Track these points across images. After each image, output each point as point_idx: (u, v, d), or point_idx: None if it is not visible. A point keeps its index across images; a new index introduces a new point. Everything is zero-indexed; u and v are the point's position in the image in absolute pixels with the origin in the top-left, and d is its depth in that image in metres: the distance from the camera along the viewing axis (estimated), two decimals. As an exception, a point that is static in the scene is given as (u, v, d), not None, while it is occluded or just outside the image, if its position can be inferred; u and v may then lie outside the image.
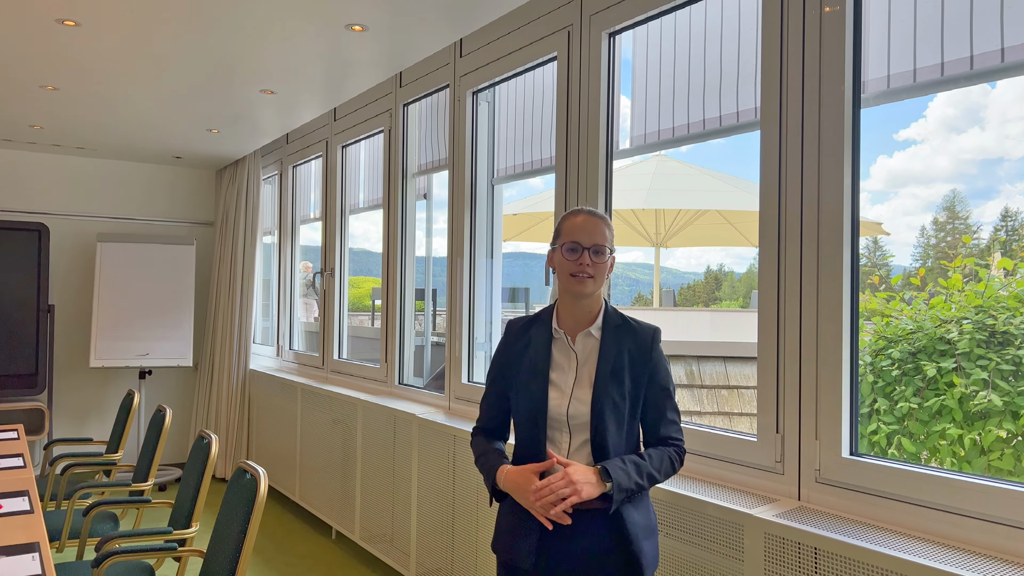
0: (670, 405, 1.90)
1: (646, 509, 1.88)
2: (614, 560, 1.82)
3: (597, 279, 1.85)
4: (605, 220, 1.89)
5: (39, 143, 5.63)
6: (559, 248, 1.88)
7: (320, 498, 4.68)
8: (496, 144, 3.69)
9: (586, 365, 1.88)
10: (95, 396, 6.21)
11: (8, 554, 2.02)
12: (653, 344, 1.90)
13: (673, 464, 1.87)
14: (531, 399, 1.87)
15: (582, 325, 1.91)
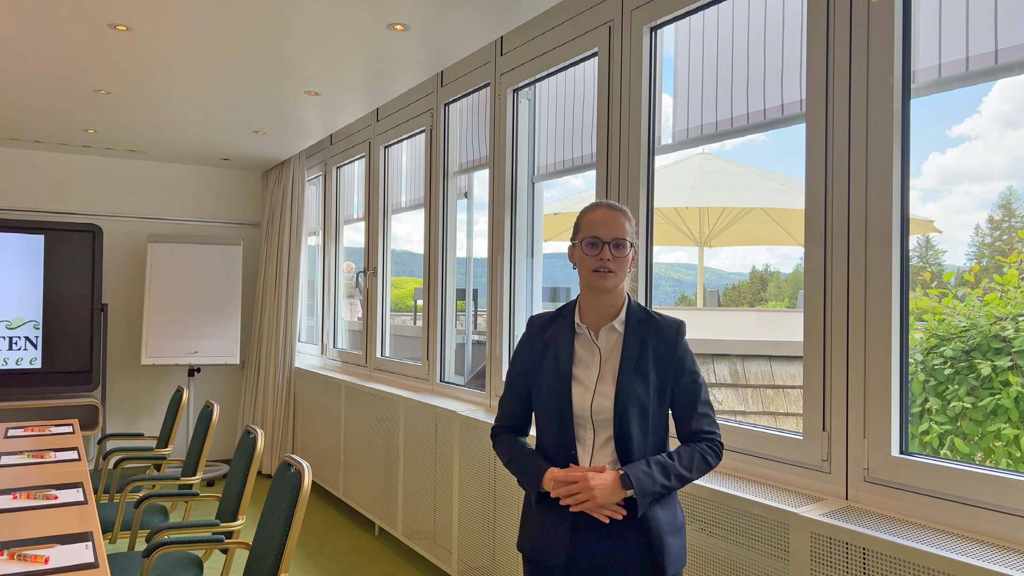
0: (700, 398, 1.86)
1: (673, 507, 1.85)
2: (640, 558, 1.79)
3: (619, 273, 1.83)
4: (625, 213, 1.86)
5: (93, 147, 5.80)
6: (579, 243, 1.85)
7: (363, 494, 4.73)
8: (536, 142, 3.68)
9: (609, 360, 1.85)
10: (146, 393, 6.37)
11: (63, 543, 2.09)
12: (678, 337, 1.87)
13: (707, 459, 1.82)
14: (554, 395, 1.85)
15: (605, 320, 1.88)
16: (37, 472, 2.94)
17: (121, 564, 2.71)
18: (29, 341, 5.62)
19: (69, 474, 2.92)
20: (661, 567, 1.78)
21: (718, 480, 2.32)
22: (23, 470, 2.96)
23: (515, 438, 1.98)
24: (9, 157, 5.87)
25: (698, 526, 2.28)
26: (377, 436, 4.53)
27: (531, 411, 1.99)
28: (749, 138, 2.67)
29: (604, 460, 1.82)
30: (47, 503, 2.49)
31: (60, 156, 6.05)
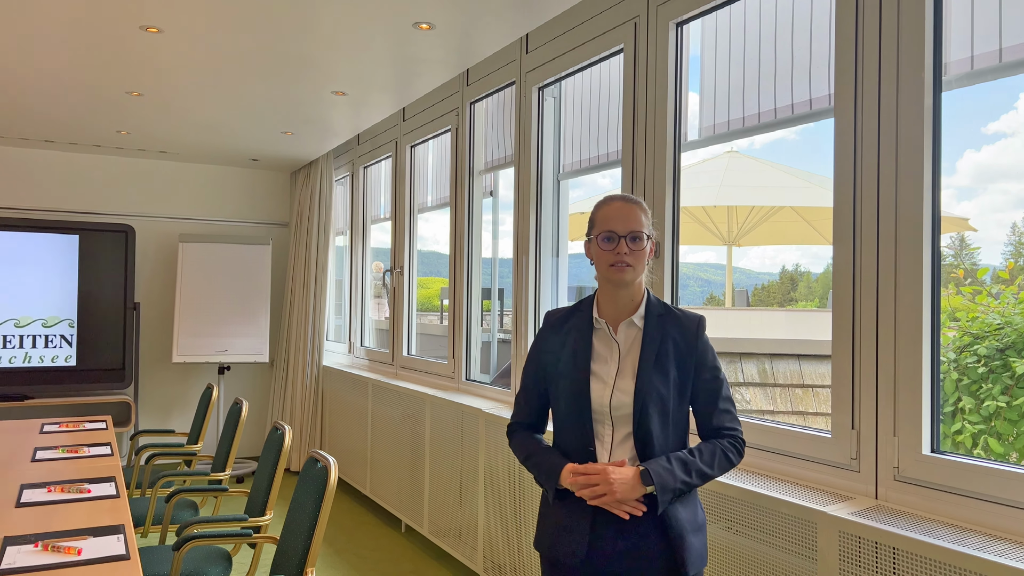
0: (722, 394, 1.83)
1: (693, 505, 1.82)
2: (660, 557, 1.76)
3: (637, 267, 1.79)
4: (640, 205, 1.83)
5: (126, 148, 5.90)
6: (595, 238, 1.82)
7: (390, 492, 4.75)
8: (562, 139, 3.68)
9: (629, 355, 1.82)
10: (178, 390, 6.47)
11: (95, 535, 2.12)
12: (699, 332, 1.83)
13: (728, 456, 1.78)
14: (572, 391, 1.82)
15: (624, 314, 1.85)
16: (71, 466, 2.99)
17: (152, 557, 2.75)
18: (64, 339, 5.74)
19: (102, 469, 2.97)
20: (683, 566, 1.75)
21: (745, 478, 2.30)
22: (58, 464, 3.02)
23: (531, 435, 1.96)
24: (46, 159, 5.99)
25: (724, 525, 2.26)
26: (403, 433, 4.55)
27: (547, 407, 1.97)
28: (778, 136, 2.64)
29: (623, 457, 1.79)
30: (80, 497, 2.53)
31: (94, 158, 6.16)
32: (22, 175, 5.92)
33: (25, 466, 2.97)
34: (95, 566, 1.87)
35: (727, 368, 4.43)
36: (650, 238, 1.82)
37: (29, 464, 3.01)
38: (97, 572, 1.83)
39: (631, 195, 1.87)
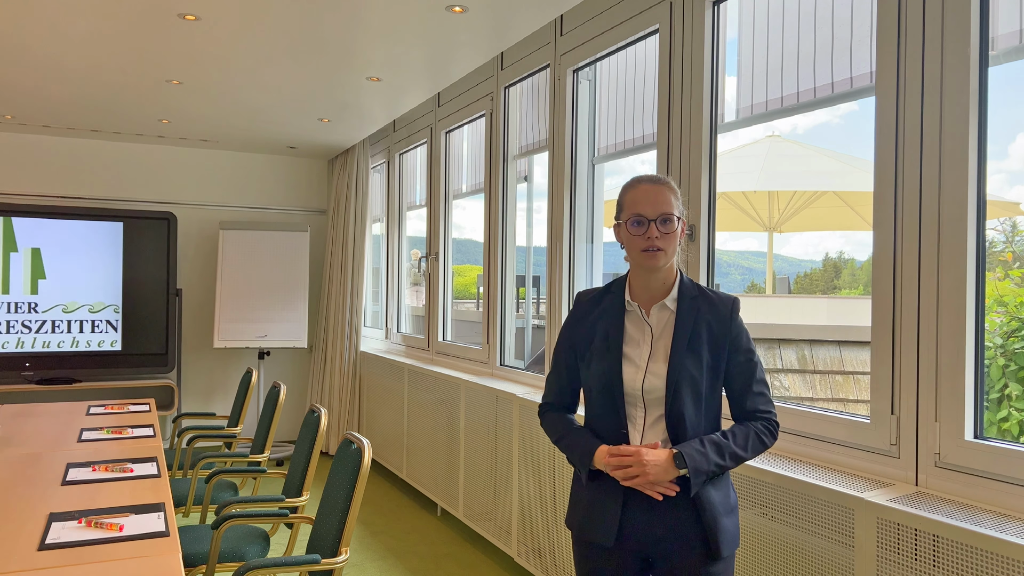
0: (756, 376, 1.80)
1: (725, 487, 1.80)
2: (693, 538, 1.75)
3: (668, 250, 1.76)
4: (669, 185, 1.78)
5: (167, 136, 6.01)
6: (624, 223, 1.79)
7: (426, 476, 4.79)
8: (597, 123, 3.64)
9: (662, 338, 1.79)
10: (219, 374, 6.59)
11: (137, 512, 2.18)
12: (732, 314, 1.80)
13: (762, 439, 1.77)
14: (604, 374, 1.80)
15: (657, 297, 1.82)
16: (115, 447, 3.07)
17: (192, 535, 2.81)
18: (110, 324, 5.88)
19: (145, 449, 3.04)
20: (716, 548, 1.74)
21: (781, 464, 2.26)
22: (102, 445, 3.10)
23: (563, 415, 1.95)
24: (91, 148, 6.13)
25: (760, 510, 2.23)
26: (439, 418, 4.58)
27: (579, 389, 1.96)
28: (822, 120, 2.58)
29: (655, 439, 1.77)
30: (123, 476, 2.60)
31: (137, 146, 6.28)
32: (69, 164, 6.06)
33: (72, 446, 3.06)
34: (136, 542, 1.92)
35: (765, 354, 4.36)
36: (680, 219, 1.78)
37: (75, 444, 3.09)
38: (138, 548, 1.88)
39: (659, 175, 1.83)
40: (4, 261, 5.62)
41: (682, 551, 1.76)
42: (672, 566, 1.77)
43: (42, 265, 5.72)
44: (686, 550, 1.76)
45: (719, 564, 1.76)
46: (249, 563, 2.09)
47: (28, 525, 2.03)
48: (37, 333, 5.68)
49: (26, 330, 5.65)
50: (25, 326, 5.65)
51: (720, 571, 1.77)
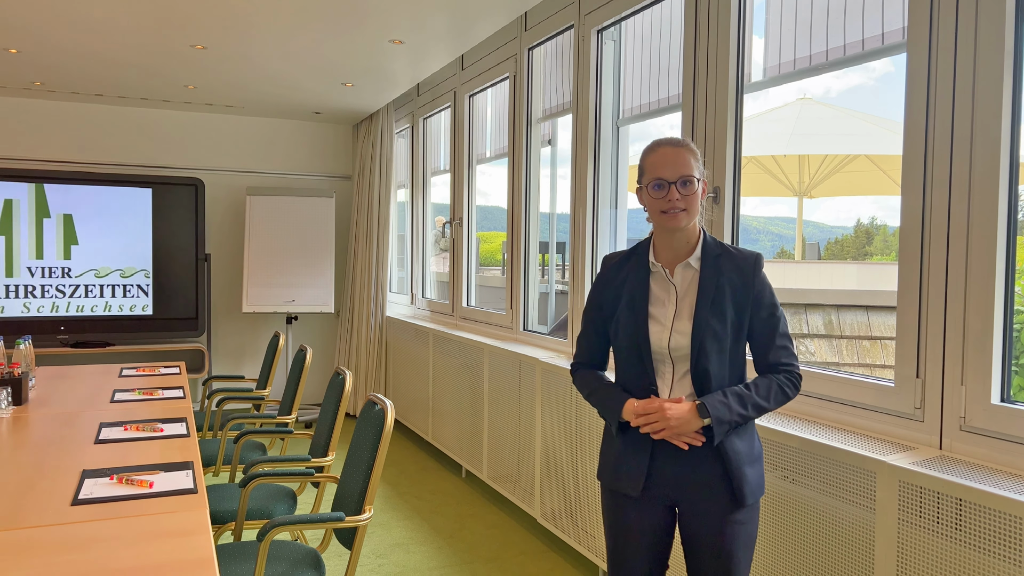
0: (779, 330, 1.84)
1: (750, 437, 1.86)
2: (718, 487, 1.81)
3: (690, 211, 1.80)
4: (688, 147, 1.81)
5: (194, 102, 6.03)
6: (645, 187, 1.82)
7: (451, 438, 4.85)
8: (622, 84, 3.59)
9: (686, 297, 1.84)
10: (248, 338, 6.69)
11: (166, 470, 2.23)
12: (755, 270, 1.83)
13: (784, 390, 1.82)
14: (631, 334, 1.86)
15: (680, 257, 1.86)
16: (146, 408, 3.14)
17: (221, 493, 2.88)
18: (141, 289, 5.98)
19: (175, 410, 3.11)
20: (740, 496, 1.79)
21: (805, 427, 2.25)
22: (134, 406, 3.17)
23: (594, 372, 2.02)
24: (119, 115, 6.18)
25: (782, 473, 2.23)
26: (463, 382, 4.62)
27: (608, 349, 2.02)
28: (856, 83, 2.52)
29: (682, 394, 1.83)
30: (154, 435, 2.66)
31: (165, 113, 6.33)
32: (98, 131, 6.12)
33: (104, 407, 3.13)
34: (165, 498, 1.97)
35: (791, 319, 4.32)
36: (700, 180, 1.82)
37: (108, 405, 3.17)
38: (167, 503, 1.93)
39: (678, 137, 1.85)
40: (37, 227, 5.72)
41: (708, 499, 1.81)
42: (698, 513, 1.83)
43: (74, 231, 5.82)
44: (711, 498, 1.81)
45: (744, 511, 1.82)
46: (275, 520, 2.14)
47: (62, 481, 2.09)
48: (71, 298, 5.80)
49: (60, 295, 5.77)
50: (59, 291, 5.77)
51: (745, 518, 1.82)
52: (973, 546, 1.71)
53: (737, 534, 1.80)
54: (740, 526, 1.81)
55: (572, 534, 3.41)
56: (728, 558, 1.81)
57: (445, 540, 3.72)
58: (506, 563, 3.45)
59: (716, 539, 1.81)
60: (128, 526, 1.76)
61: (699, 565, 1.85)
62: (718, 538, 1.80)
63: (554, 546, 3.65)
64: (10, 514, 1.83)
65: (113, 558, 1.57)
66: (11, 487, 2.04)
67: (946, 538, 1.76)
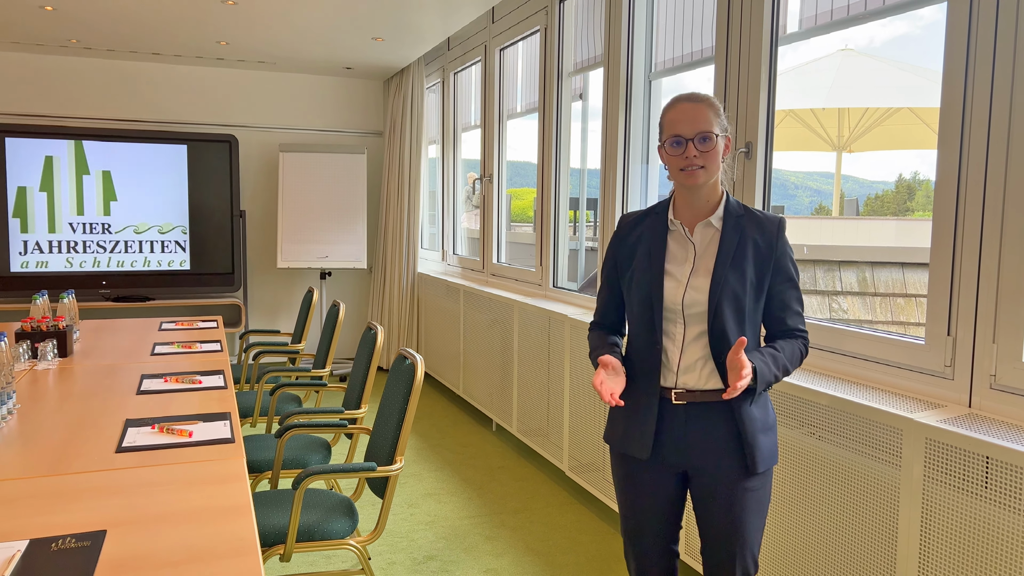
0: (795, 296, 1.83)
1: (764, 404, 1.83)
2: (730, 453, 1.79)
3: (709, 168, 1.75)
4: (707, 102, 1.76)
5: (226, 59, 6.06)
6: (664, 144, 1.78)
7: (481, 392, 4.92)
8: (654, 36, 3.52)
9: (704, 256, 1.80)
10: (283, 293, 6.81)
11: (205, 420, 2.31)
12: (779, 234, 1.80)
13: (802, 355, 1.82)
14: (645, 290, 1.83)
15: (701, 216, 1.83)
16: (185, 360, 3.23)
17: (257, 444, 2.97)
18: (179, 245, 6.10)
19: (212, 363, 3.19)
20: (752, 464, 1.78)
21: (832, 385, 2.25)
22: (173, 358, 3.27)
23: (603, 333, 1.99)
24: (153, 71, 6.23)
25: (808, 430, 2.24)
26: (493, 337, 4.67)
27: (623, 307, 1.99)
28: (901, 32, 2.43)
29: (696, 355, 1.79)
30: (192, 387, 2.74)
31: (197, 69, 6.36)
32: (133, 88, 6.19)
33: (145, 359, 3.23)
34: (204, 447, 2.04)
35: (824, 276, 4.26)
36: (721, 136, 1.76)
37: (148, 357, 3.27)
38: (205, 452, 2.00)
39: (698, 93, 1.79)
40: (78, 183, 5.84)
41: (719, 464, 1.80)
42: (709, 478, 1.82)
43: (113, 187, 5.93)
44: (723, 463, 1.80)
45: (755, 479, 1.81)
46: (309, 468, 2.21)
47: (107, 430, 2.18)
48: (111, 253, 5.94)
49: (101, 250, 5.91)
50: (100, 246, 5.91)
51: (756, 486, 1.81)
52: (1000, 504, 1.71)
53: (748, 500, 1.79)
54: (751, 492, 1.79)
55: (599, 487, 3.46)
56: (739, 524, 1.80)
57: (475, 491, 3.81)
58: (535, 514, 3.52)
59: (727, 505, 1.79)
60: (169, 473, 1.83)
61: (710, 530, 1.84)
62: (729, 504, 1.79)
63: (581, 498, 3.71)
64: (59, 460, 1.91)
65: (155, 503, 1.64)
66: (59, 434, 2.13)
67: (972, 496, 1.76)
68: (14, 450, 1.98)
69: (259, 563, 1.38)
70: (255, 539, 1.47)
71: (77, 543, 1.44)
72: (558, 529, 3.36)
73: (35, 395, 2.56)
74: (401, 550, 3.14)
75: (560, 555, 3.11)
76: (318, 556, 3.07)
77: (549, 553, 3.13)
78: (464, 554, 3.11)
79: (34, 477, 1.79)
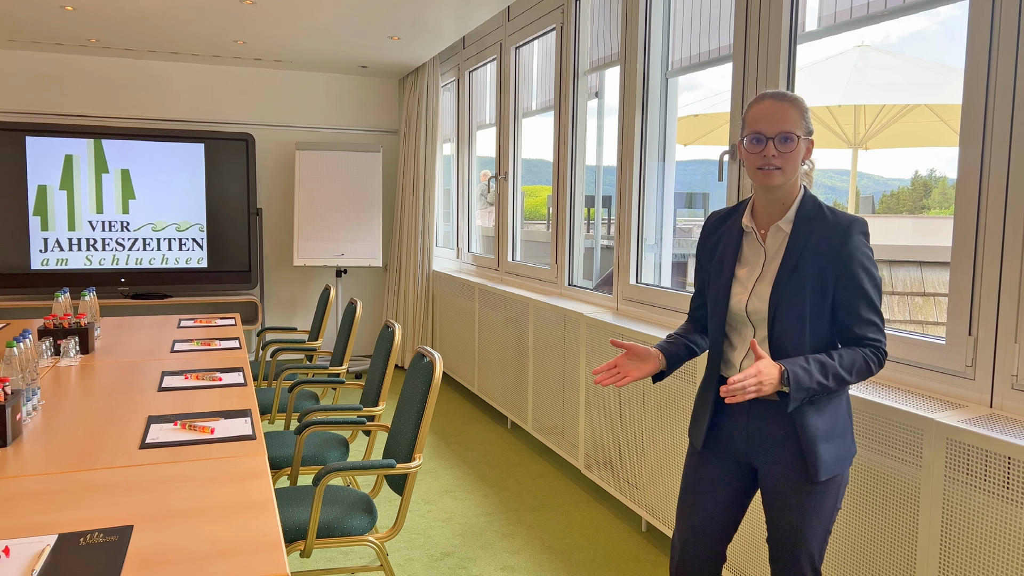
0: (865, 303, 1.72)
1: (833, 412, 1.77)
2: (790, 456, 1.77)
3: (786, 170, 1.71)
4: (794, 102, 1.72)
5: (243, 58, 6.09)
6: (743, 140, 1.75)
7: (496, 390, 4.93)
8: (671, 34, 3.52)
9: (773, 261, 1.78)
10: (299, 291, 6.85)
11: (226, 417, 2.33)
12: (847, 237, 1.71)
13: (869, 365, 1.72)
14: (716, 295, 1.86)
15: (775, 218, 1.80)
16: (205, 357, 3.26)
17: (277, 441, 3.00)
18: (196, 242, 6.15)
19: (232, 360, 3.22)
20: (813, 472, 1.73)
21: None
22: (193, 355, 3.30)
23: (681, 331, 2.07)
24: (170, 70, 6.28)
25: (826, 429, 2.23)
26: (508, 336, 4.67)
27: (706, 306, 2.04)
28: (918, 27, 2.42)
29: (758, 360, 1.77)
30: (213, 384, 2.77)
31: (214, 68, 6.41)
32: (151, 86, 6.24)
33: (165, 356, 3.26)
34: (225, 444, 2.06)
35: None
36: (803, 138, 1.73)
37: (169, 354, 3.30)
38: (227, 448, 2.02)
39: (786, 92, 1.75)
40: (97, 182, 5.90)
41: (781, 466, 1.79)
42: (772, 480, 1.81)
43: (131, 185, 5.98)
44: (784, 466, 1.79)
45: (819, 487, 1.76)
46: (329, 465, 2.22)
47: (130, 426, 2.21)
48: (130, 250, 5.99)
49: (120, 247, 5.97)
50: (119, 244, 5.97)
51: (818, 492, 1.76)
52: (1021, 504, 1.70)
53: (807, 505, 1.76)
54: (811, 498, 1.76)
55: (616, 485, 3.47)
56: (799, 529, 1.78)
57: (491, 488, 3.82)
58: (551, 511, 3.53)
59: (787, 507, 1.78)
60: (192, 469, 1.86)
61: (773, 531, 1.85)
62: (789, 506, 1.78)
63: (598, 496, 3.72)
64: (85, 455, 1.94)
65: (180, 499, 1.66)
66: (84, 430, 2.16)
67: (993, 496, 1.76)
68: (40, 445, 2.01)
69: (283, 558, 1.40)
70: (279, 535, 1.49)
71: (105, 538, 1.46)
72: (575, 527, 3.37)
73: (59, 391, 2.60)
74: (418, 546, 3.16)
75: (577, 553, 3.12)
76: (336, 552, 3.10)
77: (566, 551, 3.14)
78: (481, 551, 3.13)
79: (60, 472, 1.82)
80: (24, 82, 5.93)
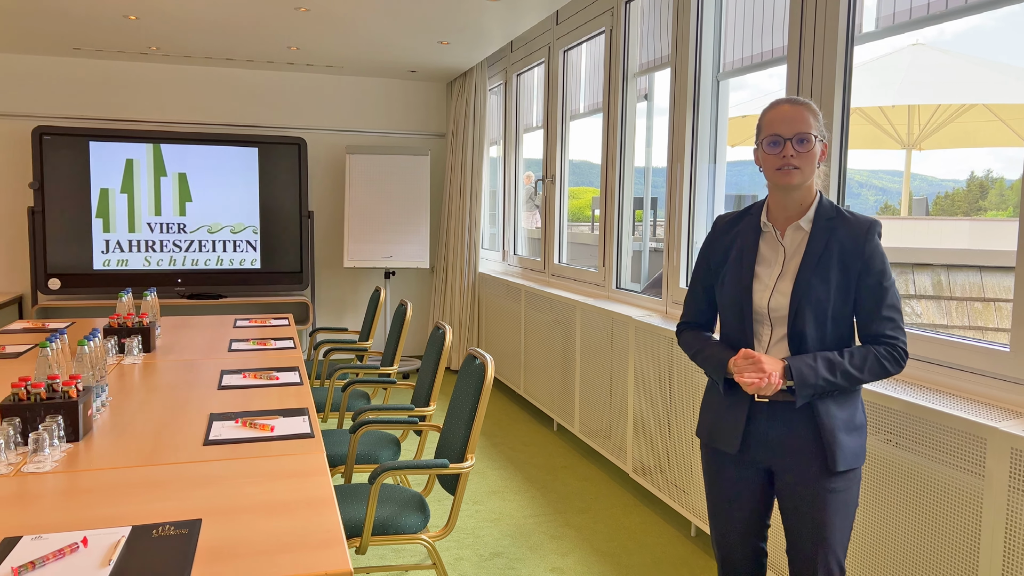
0: (885, 302, 1.77)
1: (852, 406, 1.82)
2: (811, 452, 1.80)
3: (804, 170, 1.77)
4: (809, 106, 1.78)
5: (296, 63, 6.22)
6: (761, 144, 1.81)
7: (543, 392, 4.95)
8: (723, 36, 3.50)
9: (793, 259, 1.82)
10: (349, 292, 6.96)
11: (285, 415, 2.39)
12: (867, 237, 1.77)
13: (883, 363, 1.75)
14: (735, 293, 1.87)
15: (793, 218, 1.84)
16: (261, 357, 3.35)
17: (332, 439, 3.06)
18: (250, 244, 6.29)
19: (287, 359, 3.30)
20: (833, 462, 1.77)
21: (910, 391, 2.21)
22: (250, 355, 3.38)
23: (699, 332, 2.03)
24: (226, 76, 6.44)
25: (884, 436, 2.20)
26: (555, 338, 4.69)
27: (714, 307, 2.03)
28: (973, 24, 2.37)
29: (779, 356, 1.82)
30: (270, 383, 2.84)
31: (268, 74, 6.55)
32: (208, 92, 6.41)
33: (223, 355, 3.36)
34: (285, 441, 2.12)
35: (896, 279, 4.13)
36: (819, 139, 1.78)
37: (226, 353, 3.39)
38: (287, 446, 2.08)
39: (799, 97, 1.83)
40: (156, 185, 6.08)
41: (801, 464, 1.81)
42: (792, 478, 1.83)
43: (188, 188, 6.15)
44: (805, 463, 1.81)
45: (838, 480, 1.80)
46: (385, 464, 2.27)
47: (194, 423, 2.28)
48: (186, 252, 6.17)
49: (177, 249, 6.14)
50: (176, 245, 6.14)
51: (840, 487, 1.80)
52: (1090, 516, 1.66)
53: (829, 501, 1.79)
54: (833, 493, 1.79)
55: (664, 490, 3.45)
56: (822, 525, 1.80)
57: (539, 490, 3.84)
58: (599, 515, 3.53)
59: (810, 505, 1.80)
60: (254, 466, 1.91)
61: (794, 530, 1.85)
62: (811, 504, 1.80)
63: (646, 500, 3.71)
64: (153, 451, 2.01)
65: (244, 494, 1.72)
66: (150, 426, 2.23)
67: (1060, 507, 1.71)
68: (109, 440, 2.09)
69: (346, 554, 1.44)
70: (340, 531, 1.53)
71: (176, 530, 1.52)
72: (624, 530, 3.37)
73: (124, 388, 2.69)
74: (467, 546, 3.20)
75: (627, 556, 3.12)
76: (387, 549, 3.15)
77: (615, 554, 3.14)
78: (530, 552, 3.15)
79: (130, 467, 1.89)
80: (87, 89, 6.14)
